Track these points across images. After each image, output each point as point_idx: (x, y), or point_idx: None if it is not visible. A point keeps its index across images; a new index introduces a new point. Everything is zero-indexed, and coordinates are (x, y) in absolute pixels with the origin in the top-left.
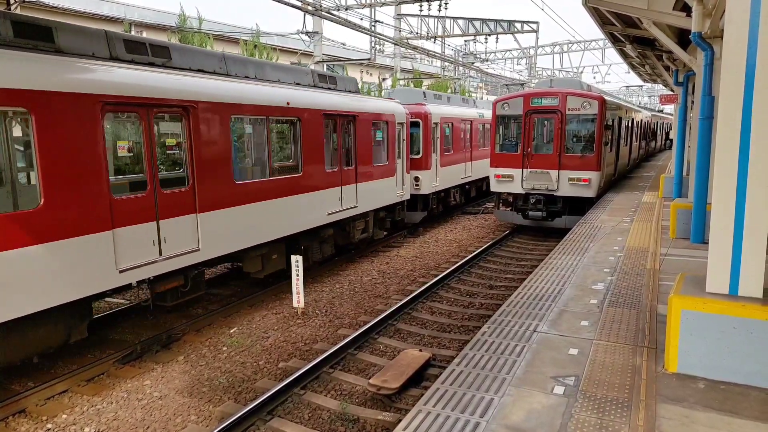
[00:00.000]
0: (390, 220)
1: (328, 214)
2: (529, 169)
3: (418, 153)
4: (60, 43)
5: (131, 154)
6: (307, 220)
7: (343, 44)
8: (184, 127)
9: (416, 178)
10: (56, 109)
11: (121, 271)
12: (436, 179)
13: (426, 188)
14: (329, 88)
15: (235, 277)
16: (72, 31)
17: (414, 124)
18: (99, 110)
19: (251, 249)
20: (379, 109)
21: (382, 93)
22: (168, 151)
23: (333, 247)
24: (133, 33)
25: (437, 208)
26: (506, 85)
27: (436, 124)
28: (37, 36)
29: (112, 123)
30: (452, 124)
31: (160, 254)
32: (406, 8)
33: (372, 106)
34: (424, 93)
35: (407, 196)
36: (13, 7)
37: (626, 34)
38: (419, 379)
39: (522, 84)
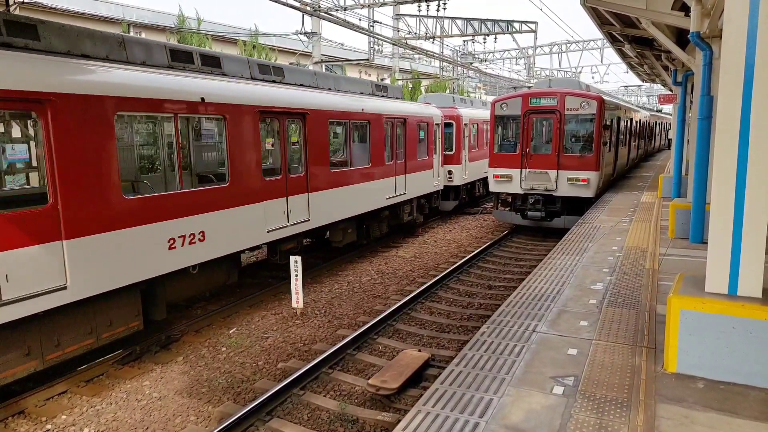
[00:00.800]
0: (428, 207)
1: (386, 199)
2: (527, 170)
3: (451, 150)
4: (225, 69)
5: (273, 149)
6: (372, 202)
7: (342, 45)
8: (301, 129)
9: (450, 172)
10: (241, 116)
11: (267, 231)
12: (465, 173)
13: (458, 180)
14: (383, 96)
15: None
16: (233, 60)
17: (447, 125)
18: (258, 117)
19: (338, 222)
20: (421, 113)
21: (418, 98)
22: (291, 147)
23: (387, 226)
24: (132, 34)
25: (465, 198)
26: (514, 87)
27: (465, 124)
28: (211, 63)
29: (262, 126)
30: (477, 124)
31: (288, 221)
32: (404, 8)
33: (416, 110)
34: (453, 98)
35: (441, 187)
36: (12, 8)
37: (625, 34)
38: (418, 379)
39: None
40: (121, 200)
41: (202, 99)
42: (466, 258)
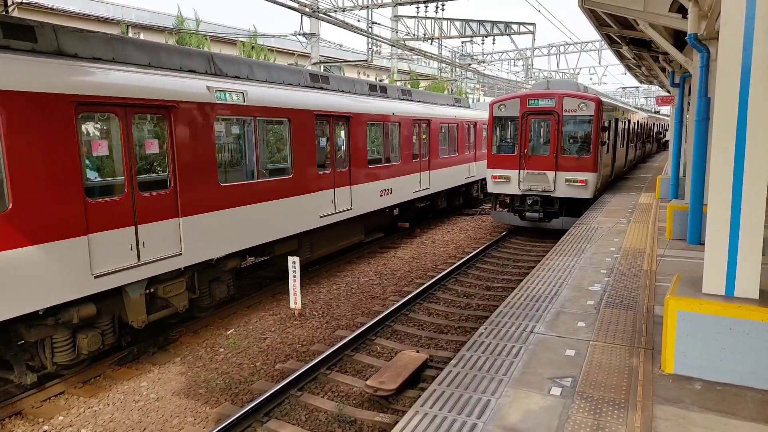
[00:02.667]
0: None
1: (465, 178)
2: (525, 171)
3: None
4: (288, 80)
5: (325, 147)
6: (456, 180)
7: (340, 45)
8: (345, 130)
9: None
10: (302, 119)
11: (320, 217)
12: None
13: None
14: (457, 106)
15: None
16: (293, 71)
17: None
18: (314, 119)
19: (375, 212)
20: (475, 117)
21: (470, 105)
22: (337, 145)
23: (462, 199)
24: (130, 34)
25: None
26: (504, 91)
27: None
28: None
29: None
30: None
31: (335, 209)
32: (402, 10)
33: (472, 115)
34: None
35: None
36: (10, 9)
37: (622, 35)
38: (416, 380)
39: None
40: (218, 187)
41: (279, 107)
42: (464, 259)
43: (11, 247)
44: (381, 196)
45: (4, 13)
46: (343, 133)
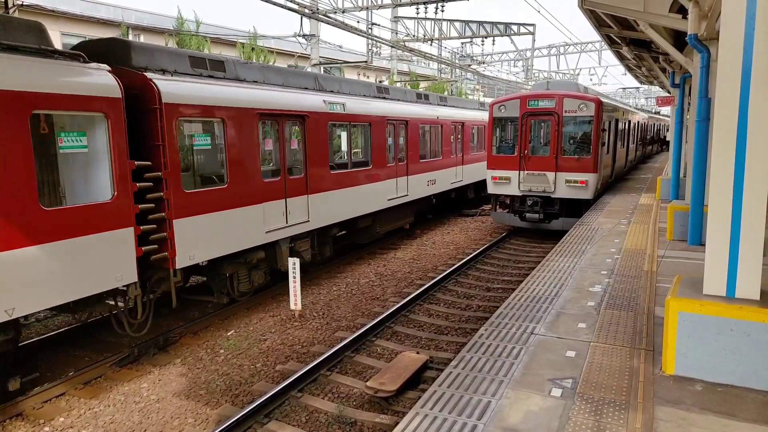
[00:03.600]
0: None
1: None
2: (525, 171)
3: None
4: (392, 95)
5: (392, 144)
6: (482, 174)
7: (340, 47)
8: (404, 131)
9: None
10: (379, 124)
11: (388, 200)
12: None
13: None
14: (482, 110)
15: None
16: (365, 85)
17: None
18: (385, 123)
19: (423, 198)
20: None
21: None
22: (399, 143)
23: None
24: (131, 37)
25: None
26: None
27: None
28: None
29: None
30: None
31: (396, 194)
32: (402, 11)
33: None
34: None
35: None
36: (11, 11)
37: (622, 36)
38: (417, 381)
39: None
40: (329, 174)
41: (364, 114)
42: (464, 260)
43: (232, 207)
44: (428, 185)
45: (4, 14)
46: (402, 134)
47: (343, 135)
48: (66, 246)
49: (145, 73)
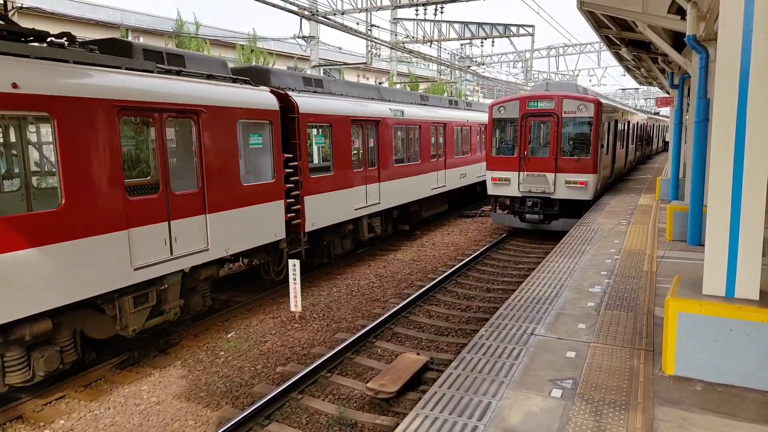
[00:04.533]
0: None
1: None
2: (525, 172)
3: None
4: (432, 102)
5: (435, 143)
6: (468, 180)
7: (340, 48)
8: (443, 132)
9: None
10: (426, 127)
11: (431, 189)
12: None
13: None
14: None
15: (234, 281)
16: (410, 94)
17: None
18: (430, 125)
19: (456, 190)
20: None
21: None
22: (439, 142)
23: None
24: (130, 38)
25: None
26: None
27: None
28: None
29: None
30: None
31: (437, 185)
32: (402, 12)
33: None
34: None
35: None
36: (10, 14)
37: (621, 37)
38: (417, 382)
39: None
40: (394, 167)
41: (416, 118)
42: (464, 261)
43: (334, 190)
44: (459, 178)
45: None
46: (441, 134)
47: (401, 135)
48: (254, 210)
49: (287, 92)
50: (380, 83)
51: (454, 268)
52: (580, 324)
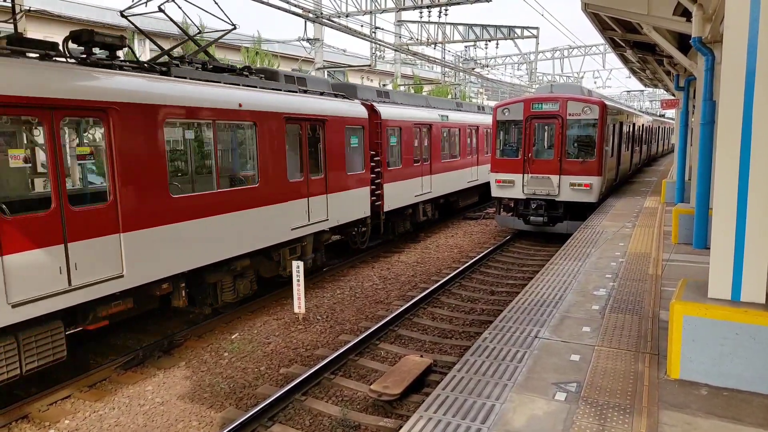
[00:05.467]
0: None
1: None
2: (530, 175)
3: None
4: (465, 107)
5: (470, 143)
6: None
7: (344, 51)
8: (476, 134)
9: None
10: (463, 129)
11: (467, 181)
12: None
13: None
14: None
15: None
16: (446, 101)
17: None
18: (466, 128)
19: (483, 184)
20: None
21: None
22: (474, 142)
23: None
24: (135, 41)
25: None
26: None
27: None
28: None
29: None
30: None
31: (473, 178)
32: (406, 15)
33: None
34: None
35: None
36: (18, 17)
37: (626, 39)
38: (420, 385)
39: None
40: (441, 162)
41: (456, 122)
42: (468, 263)
43: (401, 180)
44: (488, 173)
45: (11, 20)
46: (474, 135)
47: (446, 136)
48: (353, 192)
49: (372, 103)
50: (384, 85)
51: (457, 271)
52: (585, 327)
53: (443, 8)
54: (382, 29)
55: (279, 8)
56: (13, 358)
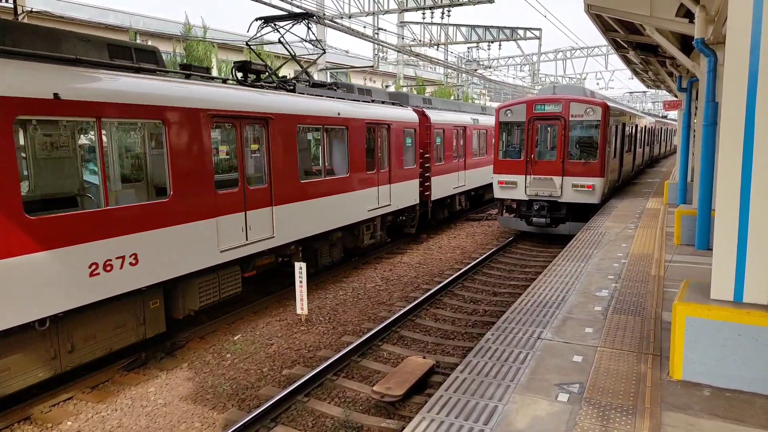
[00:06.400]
0: None
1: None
2: (532, 176)
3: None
4: (488, 112)
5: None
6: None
7: (347, 52)
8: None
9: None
10: (482, 131)
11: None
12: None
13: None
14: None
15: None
16: (472, 106)
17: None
18: (488, 130)
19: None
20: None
21: None
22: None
23: None
24: (138, 41)
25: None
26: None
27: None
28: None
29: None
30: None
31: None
32: (409, 16)
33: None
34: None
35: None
36: (20, 17)
37: (629, 40)
38: (423, 386)
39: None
40: (472, 158)
41: (483, 125)
42: (470, 264)
43: (443, 174)
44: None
45: (15, 20)
46: (485, 136)
47: (475, 137)
48: (407, 183)
49: (422, 109)
50: (387, 86)
51: (460, 272)
52: (587, 328)
53: (446, 9)
54: (385, 30)
55: (281, 9)
56: (215, 288)
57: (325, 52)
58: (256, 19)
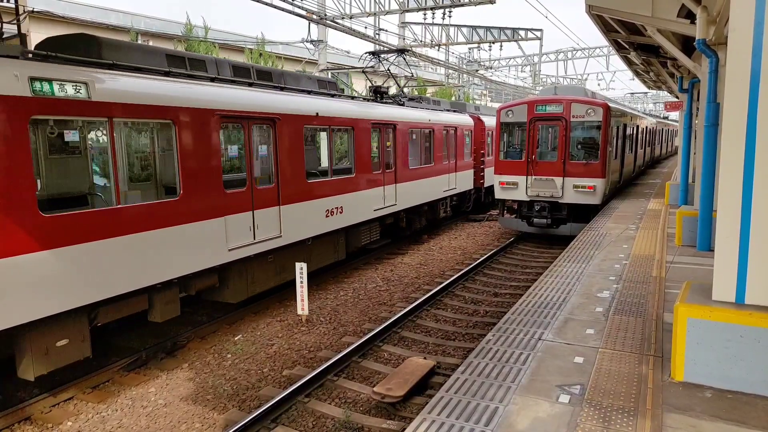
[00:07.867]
0: None
1: None
2: (533, 177)
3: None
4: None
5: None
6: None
7: (348, 52)
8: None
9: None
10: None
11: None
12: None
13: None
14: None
15: None
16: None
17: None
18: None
19: None
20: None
21: None
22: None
23: None
24: (139, 42)
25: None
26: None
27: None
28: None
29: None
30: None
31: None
32: (410, 16)
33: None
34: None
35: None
36: (21, 18)
37: (630, 41)
38: (424, 387)
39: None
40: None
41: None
42: (471, 265)
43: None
44: None
45: (15, 21)
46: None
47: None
48: (467, 172)
49: (478, 116)
50: (388, 87)
51: (461, 272)
52: (589, 329)
53: (447, 10)
54: (386, 31)
55: (283, 9)
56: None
57: (414, 77)
58: (367, 53)
